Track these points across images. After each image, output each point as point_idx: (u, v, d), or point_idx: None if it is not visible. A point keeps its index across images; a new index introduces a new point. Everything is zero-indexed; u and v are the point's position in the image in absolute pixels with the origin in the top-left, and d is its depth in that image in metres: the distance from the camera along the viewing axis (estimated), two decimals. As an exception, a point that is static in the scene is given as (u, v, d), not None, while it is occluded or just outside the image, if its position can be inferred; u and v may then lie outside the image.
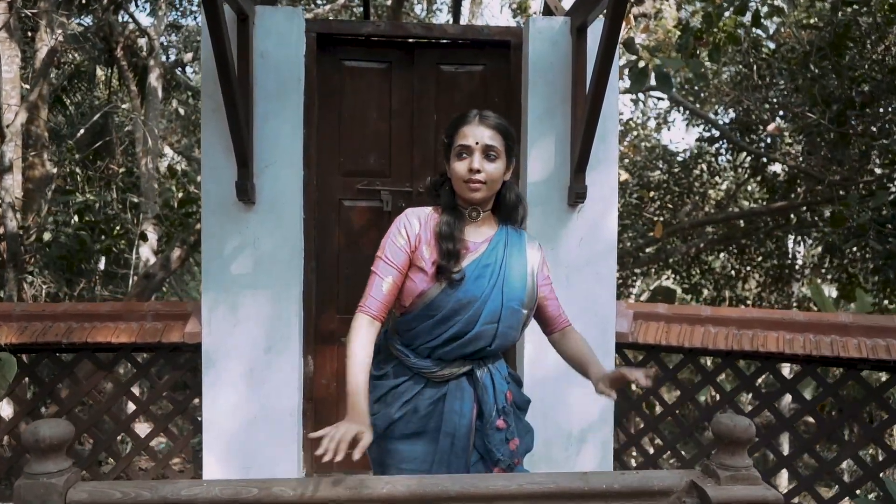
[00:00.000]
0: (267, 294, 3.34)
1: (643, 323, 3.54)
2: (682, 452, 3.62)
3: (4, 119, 6.18)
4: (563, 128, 3.44)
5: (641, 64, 4.71)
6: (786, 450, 9.13)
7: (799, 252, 12.14)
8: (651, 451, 3.61)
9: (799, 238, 10.92)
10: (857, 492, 3.28)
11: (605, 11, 3.08)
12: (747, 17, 5.73)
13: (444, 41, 3.61)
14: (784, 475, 9.37)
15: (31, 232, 6.98)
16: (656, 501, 1.78)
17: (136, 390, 3.63)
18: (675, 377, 3.55)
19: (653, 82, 4.62)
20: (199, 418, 3.45)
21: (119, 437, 3.78)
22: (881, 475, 3.18)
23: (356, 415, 1.78)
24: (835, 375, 3.85)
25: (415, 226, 1.96)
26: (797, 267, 10.79)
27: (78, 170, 8.17)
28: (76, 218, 7.06)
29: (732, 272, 11.16)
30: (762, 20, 5.03)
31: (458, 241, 1.93)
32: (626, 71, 5.19)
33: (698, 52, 5.02)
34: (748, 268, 10.86)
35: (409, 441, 2.01)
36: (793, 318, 3.33)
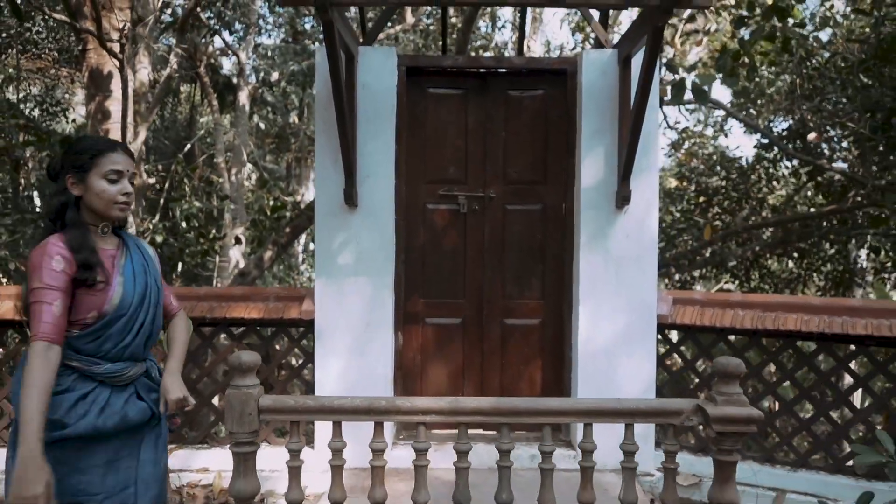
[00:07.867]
0: (366, 281, 4.10)
1: (681, 307, 4.14)
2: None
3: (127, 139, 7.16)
4: (611, 143, 4.09)
5: (682, 79, 5.33)
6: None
7: (861, 256, 12.20)
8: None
9: (859, 241, 11.03)
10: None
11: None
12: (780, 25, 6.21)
13: (512, 71, 4.33)
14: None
15: (147, 236, 8.00)
16: (671, 418, 2.44)
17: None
18: (708, 353, 4.14)
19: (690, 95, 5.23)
20: (311, 382, 4.22)
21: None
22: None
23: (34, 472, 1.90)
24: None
25: (65, 254, 2.10)
26: (859, 270, 10.86)
27: (182, 179, 9.14)
28: (184, 223, 8.01)
29: (792, 275, 11.29)
30: (805, 24, 5.51)
31: (94, 251, 2.16)
32: (669, 87, 5.79)
33: (739, 71, 5.55)
34: (809, 271, 10.99)
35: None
36: (808, 302, 3.89)
